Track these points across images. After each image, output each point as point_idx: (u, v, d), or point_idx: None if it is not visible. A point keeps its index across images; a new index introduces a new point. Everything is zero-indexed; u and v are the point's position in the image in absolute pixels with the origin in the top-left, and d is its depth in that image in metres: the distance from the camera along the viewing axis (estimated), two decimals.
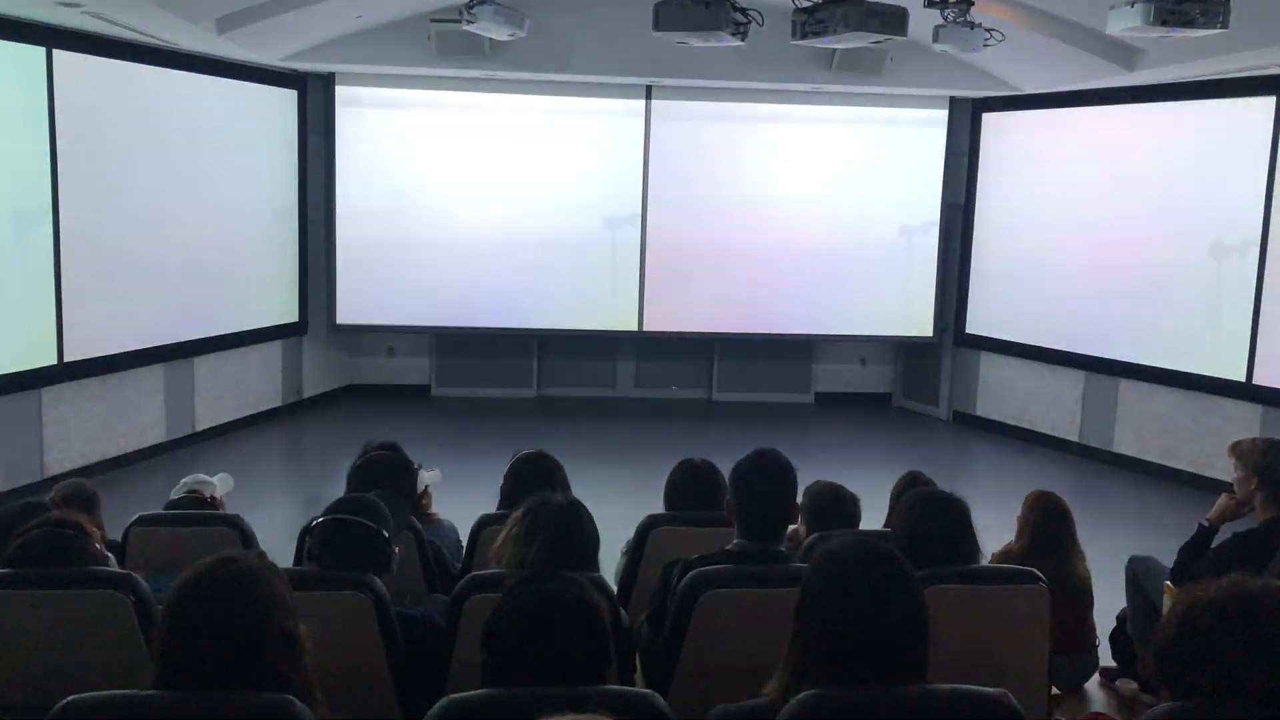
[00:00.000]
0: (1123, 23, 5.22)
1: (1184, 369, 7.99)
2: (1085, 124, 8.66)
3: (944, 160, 9.70)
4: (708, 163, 9.60)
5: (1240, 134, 7.58)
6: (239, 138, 8.59)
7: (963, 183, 9.73)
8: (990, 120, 9.51)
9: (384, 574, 2.88)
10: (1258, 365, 7.51)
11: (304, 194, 9.39)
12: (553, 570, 2.48)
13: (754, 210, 9.67)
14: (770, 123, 9.60)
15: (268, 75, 8.76)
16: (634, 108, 9.49)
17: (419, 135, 9.40)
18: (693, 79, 8.94)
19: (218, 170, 8.36)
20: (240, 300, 8.74)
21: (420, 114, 9.38)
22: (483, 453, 7.62)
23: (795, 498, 3.12)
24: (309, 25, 7.63)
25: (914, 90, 9.18)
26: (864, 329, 9.97)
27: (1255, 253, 7.49)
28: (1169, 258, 8.07)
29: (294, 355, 9.50)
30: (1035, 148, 9.15)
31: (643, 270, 9.67)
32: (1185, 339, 8.00)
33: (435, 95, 9.30)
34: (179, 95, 7.91)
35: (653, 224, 9.63)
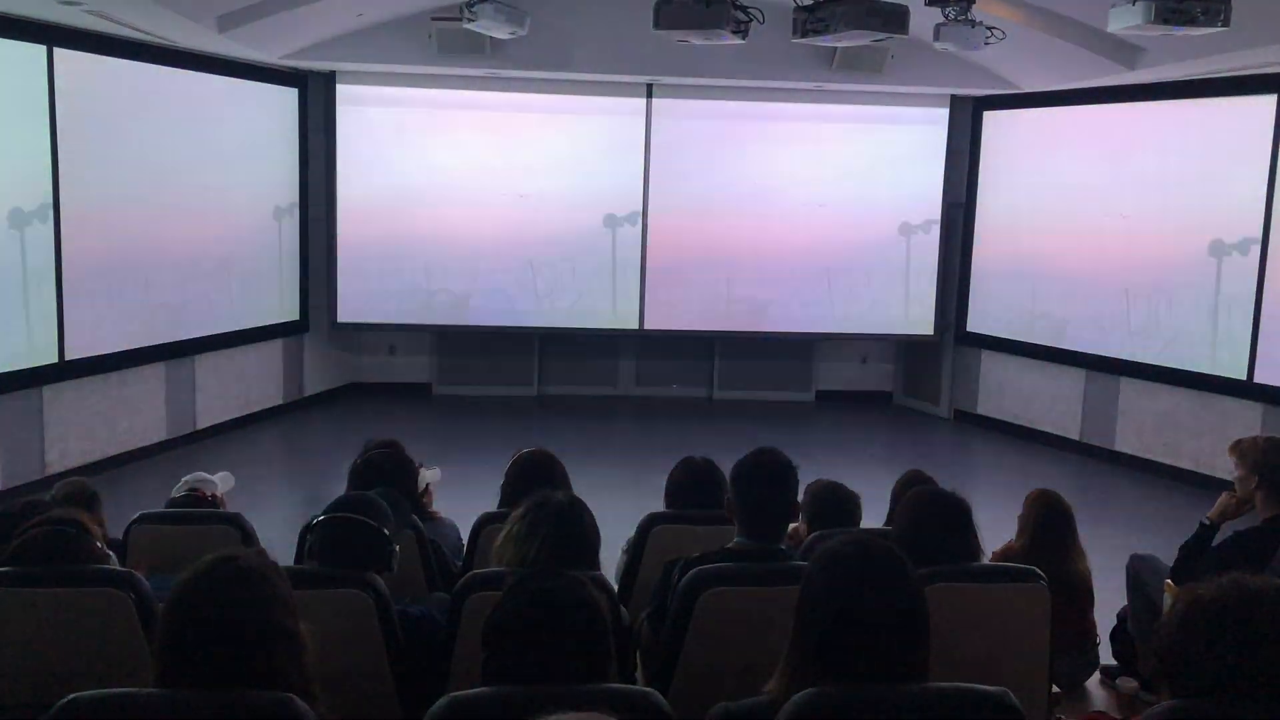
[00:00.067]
0: (1124, 21, 5.22)
1: (1185, 367, 7.99)
2: (1086, 122, 8.65)
3: (945, 158, 9.69)
4: (709, 161, 9.60)
5: (1241, 132, 7.58)
6: (240, 136, 8.59)
7: (964, 181, 9.72)
8: (991, 118, 9.50)
9: (385, 572, 2.89)
10: (1259, 363, 7.50)
11: (305, 192, 9.39)
12: (553, 568, 2.48)
13: (755, 208, 9.67)
14: (771, 121, 9.59)
15: (268, 73, 8.76)
16: (635, 106, 9.48)
17: (420, 133, 9.40)
18: (694, 77, 8.94)
19: (219, 169, 8.36)
20: (241, 298, 8.74)
21: (421, 112, 9.38)
22: (483, 451, 7.63)
23: (796, 496, 3.12)
24: (310, 23, 7.63)
25: (915, 88, 9.17)
26: (865, 327, 9.97)
27: (1256, 251, 7.49)
28: (1170, 256, 8.07)
29: (295, 353, 9.50)
30: (1036, 146, 9.14)
31: (643, 268, 9.67)
32: (1186, 337, 7.99)
33: (436, 94, 9.29)
34: (180, 93, 7.91)
35: (654, 222, 9.63)
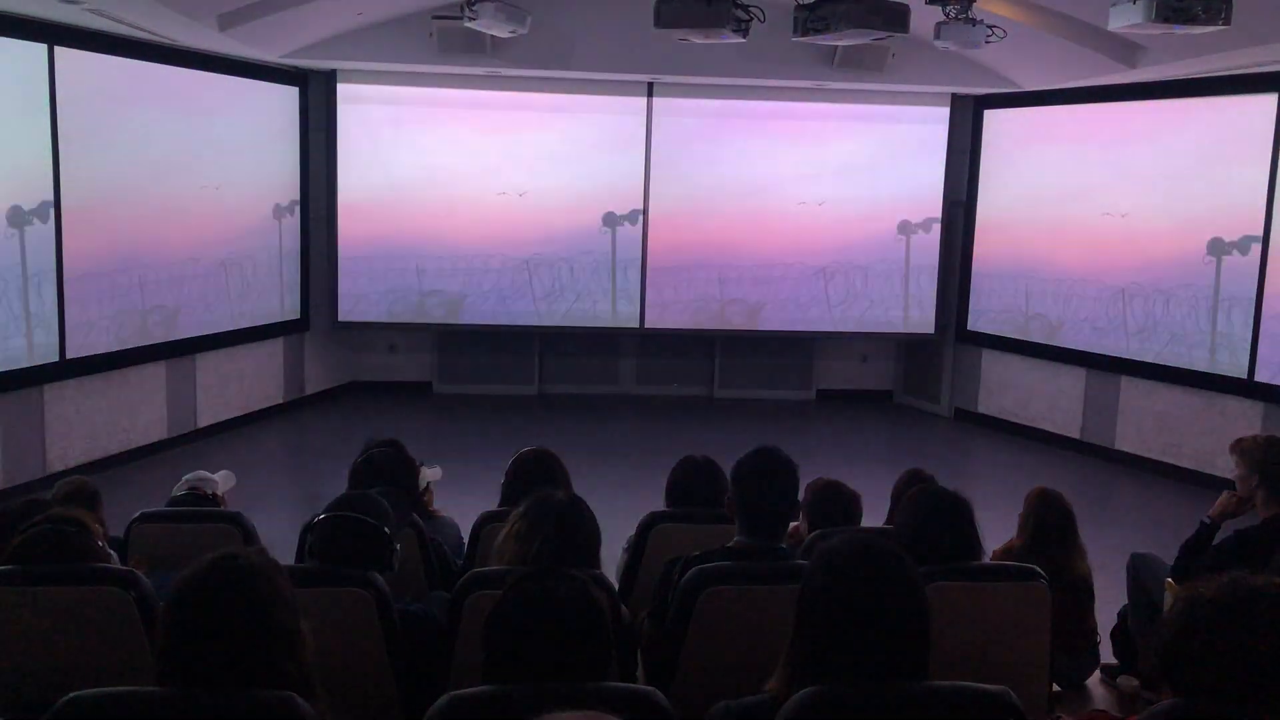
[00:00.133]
0: (1124, 19, 5.21)
1: (1186, 366, 7.99)
2: (1087, 121, 8.65)
3: (945, 157, 9.69)
4: (709, 159, 9.60)
5: (1242, 130, 7.57)
6: (240, 135, 8.59)
7: (964, 179, 9.72)
8: (992, 117, 9.49)
9: (386, 571, 2.89)
10: (1259, 362, 7.50)
11: (305, 191, 9.39)
12: (554, 567, 2.48)
13: (755, 207, 9.67)
14: (772, 119, 9.59)
15: (269, 72, 8.76)
16: (636, 104, 9.48)
17: (421, 132, 9.39)
18: (694, 76, 8.93)
19: (219, 167, 8.36)
20: (242, 297, 8.75)
21: (422, 111, 9.38)
22: (484, 450, 7.65)
23: (796, 495, 3.12)
24: (310, 22, 7.63)
25: (916, 87, 9.17)
26: (865, 326, 9.97)
27: (1257, 249, 7.48)
28: (1171, 254, 8.07)
29: (296, 352, 9.50)
30: (1037, 144, 9.14)
31: (644, 267, 9.68)
32: (1187, 336, 7.99)
33: (437, 92, 9.29)
34: (180, 92, 7.91)
35: (654, 220, 9.63)
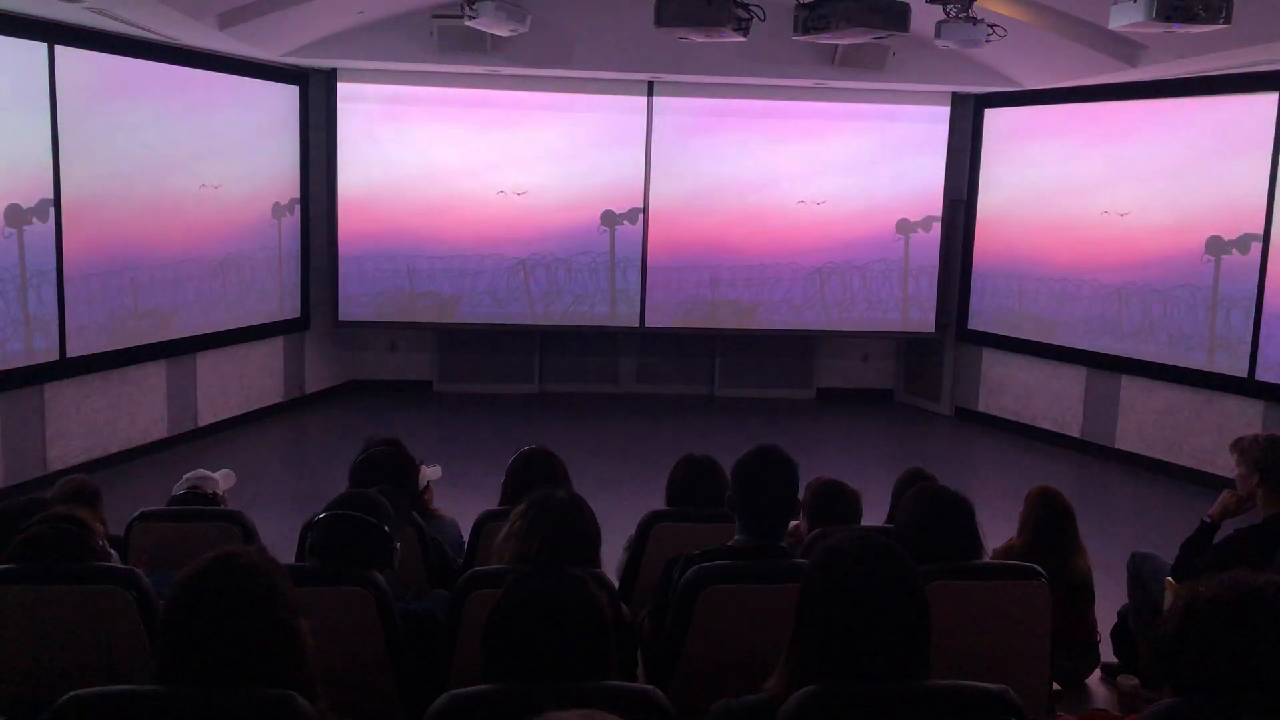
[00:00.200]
0: (1125, 18, 5.21)
1: (1186, 365, 7.99)
2: (1087, 119, 8.65)
3: (946, 156, 9.68)
4: (710, 158, 9.60)
5: (1243, 129, 7.57)
6: (241, 134, 8.58)
7: (965, 178, 9.71)
8: (992, 116, 9.49)
9: (386, 569, 2.89)
10: (1260, 361, 7.50)
11: (306, 190, 9.39)
12: (554, 566, 2.48)
13: (756, 206, 9.67)
14: (772, 118, 9.59)
15: (270, 71, 8.76)
16: (636, 103, 9.48)
17: (421, 131, 9.39)
18: (695, 74, 8.93)
19: (220, 166, 8.36)
20: (242, 296, 8.75)
21: (422, 109, 9.37)
22: (484, 448, 7.66)
23: (797, 494, 3.12)
24: (311, 21, 7.63)
25: (916, 86, 9.16)
26: (866, 325, 9.97)
27: (1258, 248, 7.48)
28: (1171, 253, 8.07)
29: (296, 351, 9.51)
30: (1037, 143, 9.14)
31: (644, 265, 9.68)
32: (1187, 335, 7.99)
33: (437, 91, 9.28)
34: (181, 91, 7.90)
35: (654, 219, 9.63)
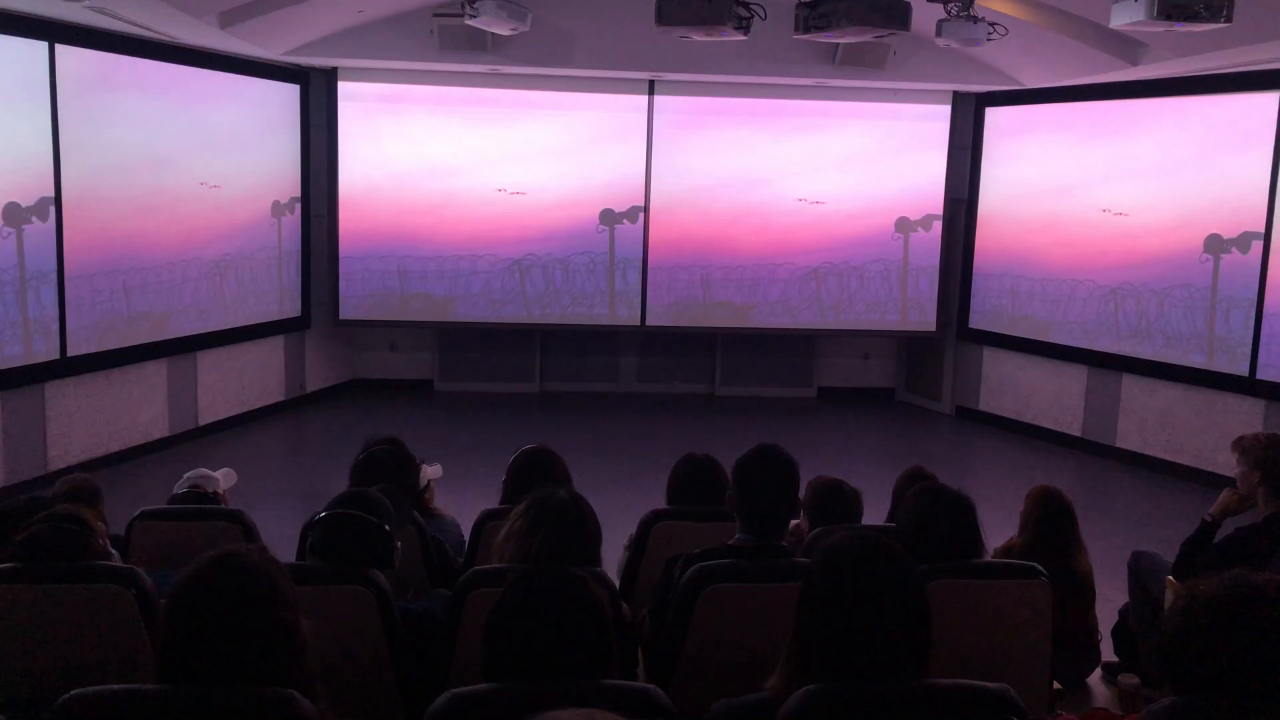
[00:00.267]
0: (1126, 17, 5.21)
1: (1187, 364, 7.99)
2: (1088, 118, 8.64)
3: (947, 154, 9.68)
4: (710, 157, 9.60)
5: (1244, 129, 7.57)
6: (242, 132, 8.59)
7: (966, 177, 9.71)
8: (993, 114, 9.49)
9: (386, 569, 2.89)
10: (1261, 360, 7.50)
11: (306, 189, 9.39)
12: (555, 565, 2.48)
13: (756, 204, 9.67)
14: (773, 117, 9.59)
15: (270, 70, 8.76)
16: (637, 102, 9.47)
17: (421, 130, 9.39)
18: (696, 73, 8.93)
19: (220, 165, 8.36)
20: (243, 295, 8.75)
21: (422, 108, 9.38)
22: (485, 448, 7.66)
23: (797, 493, 3.12)
24: (311, 20, 7.62)
25: (917, 84, 9.16)
26: (866, 323, 9.97)
27: (1259, 247, 7.48)
28: (1172, 252, 8.07)
29: (297, 350, 9.51)
30: (1038, 142, 9.13)
31: (645, 264, 9.68)
32: (1188, 334, 7.99)
33: (437, 90, 9.28)
34: (182, 90, 7.90)
35: (655, 218, 9.63)
